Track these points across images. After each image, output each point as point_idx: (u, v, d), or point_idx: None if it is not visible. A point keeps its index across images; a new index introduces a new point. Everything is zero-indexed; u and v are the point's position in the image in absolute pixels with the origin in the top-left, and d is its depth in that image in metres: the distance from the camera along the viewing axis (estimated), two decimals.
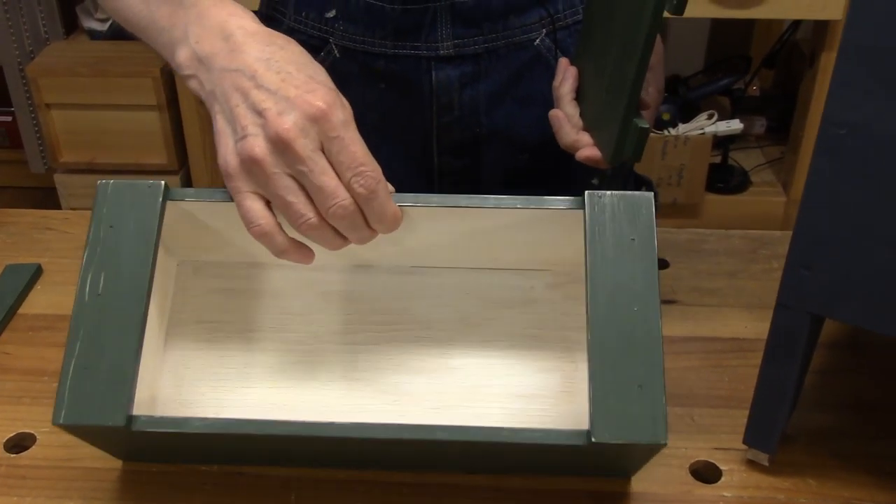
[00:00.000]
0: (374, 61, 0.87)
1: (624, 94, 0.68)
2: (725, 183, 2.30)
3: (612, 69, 0.71)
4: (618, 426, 0.55)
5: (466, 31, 0.86)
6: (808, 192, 0.55)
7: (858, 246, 0.54)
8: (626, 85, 0.68)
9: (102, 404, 0.56)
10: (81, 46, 2.32)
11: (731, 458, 0.67)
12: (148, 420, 0.57)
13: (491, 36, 0.86)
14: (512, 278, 0.70)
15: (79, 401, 0.57)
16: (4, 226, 0.94)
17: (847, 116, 0.52)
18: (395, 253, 0.68)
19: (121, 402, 0.56)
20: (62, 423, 0.57)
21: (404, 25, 0.85)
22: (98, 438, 0.62)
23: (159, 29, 0.66)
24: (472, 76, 0.88)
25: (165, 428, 0.57)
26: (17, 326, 0.80)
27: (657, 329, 0.57)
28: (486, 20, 0.85)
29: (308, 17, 0.88)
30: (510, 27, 0.87)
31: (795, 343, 0.60)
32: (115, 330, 0.58)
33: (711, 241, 0.91)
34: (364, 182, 0.58)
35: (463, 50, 0.86)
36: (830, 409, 0.71)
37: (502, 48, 0.88)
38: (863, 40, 0.49)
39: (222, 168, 0.59)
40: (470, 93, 0.89)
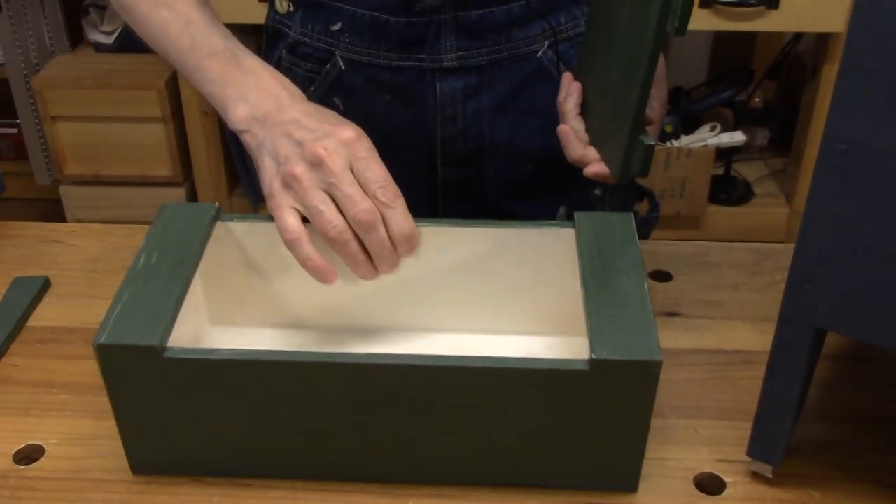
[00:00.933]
0: (379, 73, 0.88)
1: (629, 113, 0.69)
2: (728, 194, 2.31)
3: (616, 87, 0.72)
4: (614, 348, 0.60)
5: (470, 43, 0.86)
6: (810, 207, 0.55)
7: (861, 260, 0.55)
8: (631, 104, 0.68)
9: (141, 329, 0.62)
10: (87, 59, 2.34)
11: (735, 470, 0.67)
12: (180, 349, 0.61)
13: (494, 48, 0.87)
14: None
15: (119, 328, 0.62)
16: (12, 239, 0.95)
17: (849, 132, 0.52)
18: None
19: (158, 331, 0.61)
20: (103, 342, 0.61)
21: (409, 38, 0.86)
22: (127, 386, 0.63)
23: (210, 80, 0.75)
24: (476, 88, 0.88)
25: (197, 356, 0.61)
26: (26, 339, 0.81)
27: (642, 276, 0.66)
28: (490, 32, 0.86)
29: (314, 30, 0.90)
30: (513, 39, 0.88)
31: (798, 356, 0.60)
32: (160, 287, 0.66)
33: (715, 253, 0.92)
34: (386, 193, 0.67)
35: (466, 62, 0.87)
36: (834, 421, 0.72)
37: (505, 60, 0.88)
38: (864, 56, 0.50)
39: (266, 192, 0.69)
40: (473, 104, 0.90)
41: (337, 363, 0.60)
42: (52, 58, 2.37)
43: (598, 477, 0.65)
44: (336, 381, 0.61)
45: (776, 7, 1.95)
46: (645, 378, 0.60)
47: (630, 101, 0.68)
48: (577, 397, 0.61)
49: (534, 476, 0.65)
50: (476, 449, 0.64)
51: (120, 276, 0.88)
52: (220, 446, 0.65)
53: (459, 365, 0.60)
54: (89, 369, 0.77)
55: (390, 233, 0.67)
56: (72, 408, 0.73)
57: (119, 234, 0.95)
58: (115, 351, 0.61)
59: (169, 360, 0.61)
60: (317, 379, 0.61)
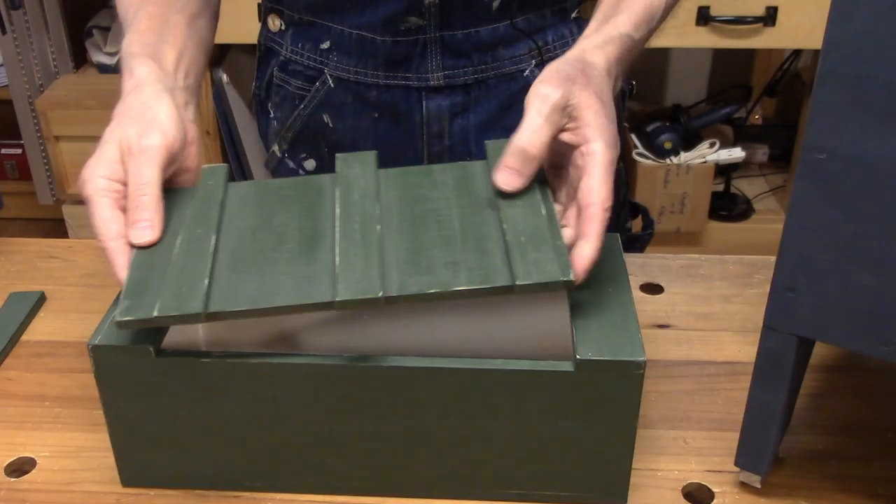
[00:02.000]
0: (367, 91, 0.89)
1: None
2: (728, 211, 2.31)
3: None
4: (598, 348, 0.60)
5: (456, 62, 0.87)
6: (791, 216, 0.56)
7: (842, 268, 0.55)
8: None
9: (136, 332, 0.62)
10: (90, 80, 2.36)
11: (724, 481, 0.67)
12: (174, 351, 0.62)
13: (480, 67, 0.88)
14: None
15: (114, 330, 0.62)
16: (9, 254, 0.96)
17: (826, 141, 0.53)
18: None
19: (152, 333, 0.62)
20: (98, 342, 0.62)
21: (395, 56, 0.87)
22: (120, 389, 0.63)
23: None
24: (462, 106, 0.89)
25: (191, 357, 0.62)
26: (20, 353, 0.81)
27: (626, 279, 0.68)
28: (476, 51, 0.87)
29: (304, 49, 0.91)
30: (499, 58, 0.89)
31: (783, 365, 0.60)
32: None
33: (706, 266, 0.92)
34: None
35: (453, 80, 0.88)
36: (822, 431, 0.72)
37: (492, 79, 0.89)
38: (839, 66, 0.51)
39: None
40: (460, 122, 0.90)
41: (328, 364, 0.61)
42: (55, 79, 2.39)
43: (587, 487, 0.65)
44: (327, 383, 0.62)
45: (773, 24, 1.96)
46: (629, 378, 0.60)
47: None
48: (561, 400, 0.61)
49: (521, 487, 0.65)
50: (460, 458, 0.64)
51: (115, 290, 0.88)
52: (212, 454, 0.66)
53: (445, 367, 0.61)
54: (83, 383, 0.77)
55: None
56: (64, 420, 0.74)
57: None
58: (110, 352, 0.62)
59: (162, 362, 0.62)
60: (307, 381, 0.62)
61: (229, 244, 0.65)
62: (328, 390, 0.62)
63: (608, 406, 0.61)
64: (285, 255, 0.64)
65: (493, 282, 0.60)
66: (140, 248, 0.65)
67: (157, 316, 0.59)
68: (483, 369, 0.61)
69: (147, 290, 0.61)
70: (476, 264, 0.61)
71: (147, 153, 0.67)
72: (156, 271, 0.62)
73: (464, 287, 0.60)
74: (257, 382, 0.62)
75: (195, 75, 0.81)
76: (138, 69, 0.75)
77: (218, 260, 0.63)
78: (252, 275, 0.62)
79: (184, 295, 0.60)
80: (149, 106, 0.71)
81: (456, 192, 0.68)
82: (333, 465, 0.65)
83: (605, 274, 0.68)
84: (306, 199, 0.69)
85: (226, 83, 2.19)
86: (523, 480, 0.65)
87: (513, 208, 0.65)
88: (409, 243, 0.64)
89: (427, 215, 0.66)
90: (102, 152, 0.68)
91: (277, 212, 0.68)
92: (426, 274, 0.61)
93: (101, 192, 0.66)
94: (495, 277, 0.60)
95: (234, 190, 0.71)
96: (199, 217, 0.67)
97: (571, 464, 0.64)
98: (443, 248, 0.63)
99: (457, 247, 0.63)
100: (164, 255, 0.64)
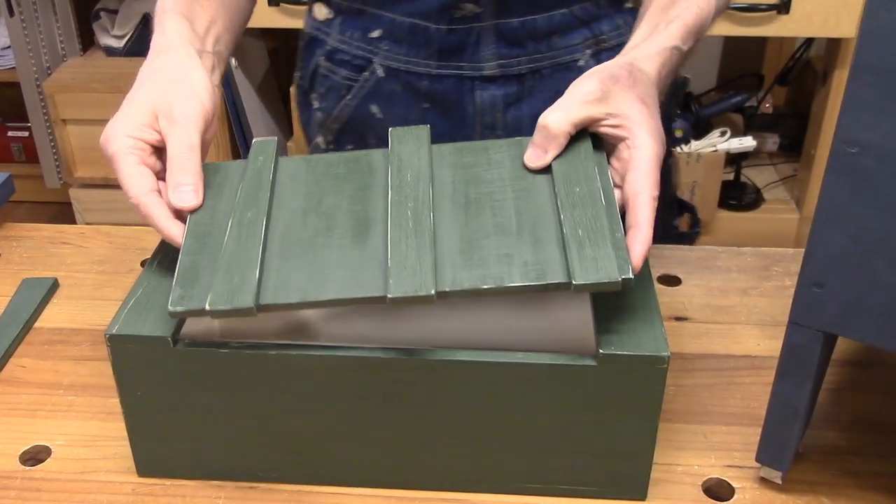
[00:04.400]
0: (418, 81, 0.87)
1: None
2: (738, 200, 2.30)
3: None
4: (621, 342, 0.60)
5: (510, 51, 0.85)
6: (820, 211, 0.55)
7: (870, 264, 0.54)
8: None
9: (154, 321, 0.62)
10: (98, 63, 2.34)
11: (744, 476, 0.67)
12: (192, 341, 0.61)
13: (535, 56, 0.86)
14: None
15: (132, 319, 0.62)
16: (21, 240, 0.95)
17: (859, 135, 0.52)
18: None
19: (170, 323, 0.62)
20: (115, 332, 0.61)
21: (449, 45, 0.85)
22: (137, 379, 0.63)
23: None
24: (516, 96, 0.87)
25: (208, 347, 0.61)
26: (33, 340, 0.81)
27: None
28: (531, 40, 0.85)
29: (352, 38, 0.89)
30: (554, 47, 0.87)
31: (808, 361, 0.60)
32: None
33: (723, 258, 0.91)
34: None
35: (507, 70, 0.86)
36: (844, 426, 0.71)
37: (546, 68, 0.87)
38: (874, 60, 0.50)
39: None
40: (514, 113, 0.89)
41: (345, 356, 0.61)
42: (63, 61, 2.38)
43: (607, 482, 0.64)
44: (344, 375, 0.61)
45: (787, 12, 1.95)
46: (652, 374, 0.59)
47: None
48: (583, 394, 0.61)
49: (541, 481, 0.65)
50: (481, 451, 0.64)
51: (128, 277, 0.89)
52: (228, 445, 0.65)
53: (466, 360, 0.60)
54: (97, 370, 0.77)
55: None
56: (78, 409, 0.73)
57: (127, 236, 0.96)
58: (127, 342, 0.61)
59: (180, 352, 0.61)
60: (324, 372, 0.61)
61: (279, 228, 0.64)
62: (346, 383, 0.62)
63: (630, 401, 0.61)
64: (336, 242, 0.63)
65: (549, 279, 0.58)
66: (184, 211, 0.65)
67: (210, 309, 0.58)
68: (504, 363, 0.60)
69: (199, 278, 0.61)
70: (531, 257, 0.60)
71: (190, 120, 0.67)
72: (206, 257, 0.62)
73: (518, 283, 0.58)
74: (275, 374, 0.62)
75: (226, 43, 0.80)
76: (170, 25, 0.74)
77: (269, 247, 0.63)
78: (302, 263, 0.61)
79: (235, 287, 0.59)
80: (185, 72, 0.71)
81: (512, 174, 0.67)
82: (350, 457, 0.65)
83: None
84: (358, 178, 0.68)
85: (234, 67, 2.18)
86: (543, 474, 0.64)
87: (571, 196, 0.63)
88: (463, 232, 0.62)
89: (482, 199, 0.65)
90: (131, 112, 0.68)
91: (328, 192, 0.67)
92: (479, 267, 0.60)
93: (127, 150, 0.66)
94: (551, 274, 0.59)
95: (284, 166, 0.70)
96: (250, 199, 0.66)
97: (592, 458, 0.63)
98: (497, 237, 0.62)
99: (511, 237, 0.61)
100: (215, 240, 0.63)
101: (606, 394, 0.61)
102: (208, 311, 0.58)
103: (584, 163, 0.65)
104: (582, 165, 0.65)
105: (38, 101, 2.42)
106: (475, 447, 0.64)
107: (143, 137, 0.67)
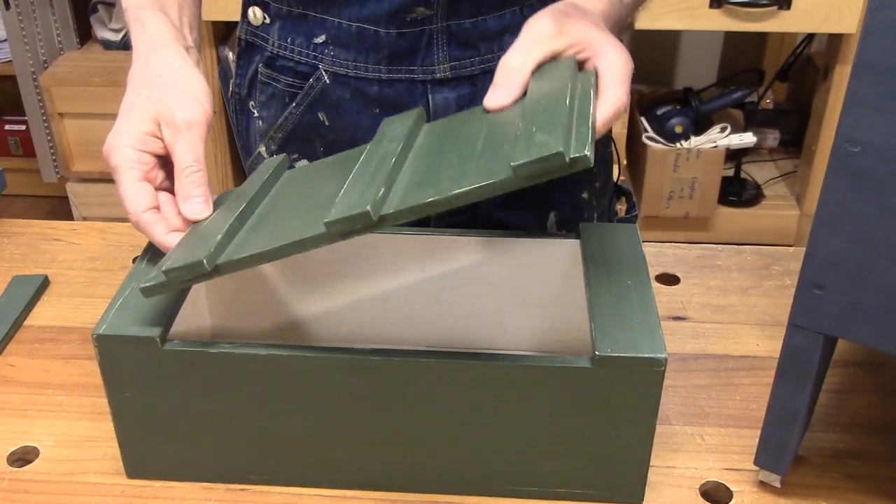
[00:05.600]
0: (368, 86, 0.84)
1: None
2: (738, 196, 2.29)
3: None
4: (618, 344, 0.59)
5: (463, 52, 0.84)
6: (821, 211, 0.54)
7: (872, 266, 0.53)
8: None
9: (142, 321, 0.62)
10: (95, 56, 2.33)
11: (743, 479, 0.66)
12: (180, 342, 0.61)
13: (487, 56, 0.84)
14: None
15: (120, 319, 0.62)
16: (12, 236, 0.94)
17: (861, 134, 0.51)
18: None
19: (158, 323, 0.61)
20: (103, 332, 0.61)
21: (399, 49, 0.83)
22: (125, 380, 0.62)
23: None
24: (470, 98, 0.85)
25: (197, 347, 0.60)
26: (23, 338, 0.80)
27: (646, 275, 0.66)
28: (482, 41, 0.84)
29: (294, 43, 0.85)
30: (506, 47, 0.84)
31: (808, 364, 0.59)
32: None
33: (723, 256, 0.90)
34: None
35: (460, 72, 0.84)
36: (843, 429, 0.70)
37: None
38: (877, 59, 0.49)
39: None
40: None
41: (338, 357, 0.60)
42: (60, 55, 2.36)
43: (603, 485, 0.64)
44: (336, 376, 0.60)
45: (788, 8, 1.94)
46: (649, 376, 0.58)
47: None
48: (580, 397, 0.60)
49: (536, 484, 0.64)
50: (475, 454, 0.63)
51: (119, 274, 0.88)
52: (218, 446, 0.64)
53: (459, 361, 0.59)
54: (86, 370, 0.76)
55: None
56: (68, 409, 0.72)
57: (120, 233, 0.94)
58: (115, 342, 0.60)
59: (168, 353, 0.60)
60: (317, 373, 0.60)
61: (261, 210, 0.66)
62: (337, 383, 0.61)
63: (627, 403, 0.60)
64: (303, 209, 0.62)
65: (492, 178, 0.54)
66: (194, 222, 0.66)
67: (165, 270, 0.59)
68: (498, 364, 0.59)
69: (170, 256, 0.62)
70: (484, 167, 0.56)
71: (194, 129, 0.68)
72: (183, 240, 0.64)
73: (458, 189, 0.54)
74: (265, 374, 0.61)
75: (196, 29, 0.80)
76: (151, 23, 0.73)
77: (245, 224, 0.64)
78: (267, 231, 0.61)
79: (192, 249, 0.60)
80: (181, 75, 0.70)
81: (490, 118, 0.64)
82: (342, 459, 0.64)
83: (624, 266, 0.66)
84: (349, 163, 0.66)
85: (231, 61, 2.17)
86: (538, 477, 0.64)
87: (536, 101, 0.61)
88: (426, 170, 0.60)
89: (453, 138, 0.64)
90: (131, 121, 0.68)
91: (320, 183, 0.67)
92: (430, 187, 0.56)
93: (129, 164, 0.66)
94: (495, 173, 0.54)
95: (289, 174, 0.72)
96: (241, 192, 0.68)
97: (588, 461, 0.62)
98: (458, 163, 0.58)
99: (474, 158, 0.58)
100: (201, 226, 0.65)
101: (603, 396, 0.60)
102: (163, 272, 0.59)
103: (558, 80, 0.63)
104: (555, 81, 0.63)
105: (34, 95, 2.41)
106: (469, 450, 0.63)
107: (146, 149, 0.67)
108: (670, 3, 1.93)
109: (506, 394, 0.60)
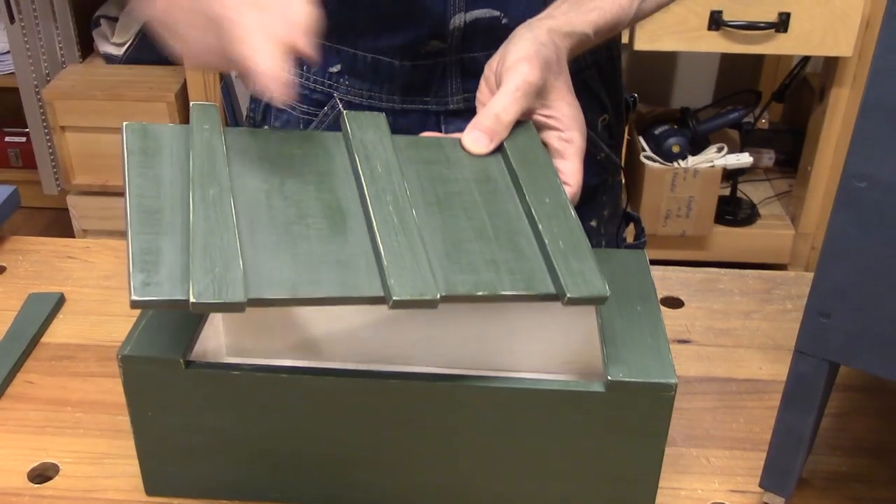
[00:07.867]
0: None
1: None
2: (734, 215, 2.31)
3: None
4: (629, 369, 0.60)
5: (475, 84, 0.85)
6: (828, 243, 0.56)
7: (878, 296, 0.55)
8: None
9: (166, 342, 0.62)
10: (97, 70, 2.35)
11: (747, 501, 0.67)
12: (204, 363, 0.62)
13: None
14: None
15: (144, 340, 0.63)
16: (27, 254, 0.95)
17: (867, 170, 0.53)
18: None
19: (182, 344, 0.62)
20: (127, 353, 0.61)
21: (413, 81, 0.84)
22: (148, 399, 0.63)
23: None
24: None
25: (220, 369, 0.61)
26: (40, 356, 0.81)
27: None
28: None
29: (310, 72, 0.87)
30: None
31: (813, 389, 0.60)
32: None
33: (725, 280, 0.92)
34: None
35: (473, 103, 0.86)
36: (847, 452, 0.72)
37: None
38: (885, 97, 0.51)
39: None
40: None
41: (357, 381, 0.61)
42: (62, 68, 2.38)
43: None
44: (355, 398, 0.62)
45: (785, 31, 1.96)
46: (660, 400, 0.60)
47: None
48: (590, 420, 0.61)
49: None
50: (488, 475, 0.64)
51: None
52: (238, 465, 0.65)
53: (476, 385, 0.61)
54: (104, 387, 0.77)
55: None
56: (86, 426, 0.73)
57: None
58: (139, 363, 0.61)
59: (191, 374, 0.61)
60: (336, 395, 0.62)
61: (242, 208, 0.59)
62: (356, 405, 0.62)
63: (637, 427, 0.61)
64: (313, 233, 0.59)
65: (539, 289, 0.59)
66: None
67: (195, 302, 0.52)
68: (513, 388, 0.61)
69: (162, 262, 0.54)
70: (515, 266, 0.60)
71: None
72: (167, 238, 0.55)
73: (509, 291, 0.58)
74: (286, 396, 0.62)
75: None
76: None
77: (241, 232, 0.57)
78: (282, 254, 0.57)
79: (219, 277, 0.53)
80: None
81: (473, 175, 0.67)
82: (360, 479, 0.65)
83: (633, 291, 0.68)
84: (318, 163, 0.65)
85: (234, 77, 2.18)
86: (548, 498, 0.65)
87: (543, 207, 0.64)
88: (444, 233, 0.62)
89: (452, 199, 0.65)
90: None
91: (288, 174, 0.63)
92: (469, 272, 0.59)
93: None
94: (540, 285, 0.59)
95: (232, 138, 0.65)
96: (207, 172, 0.60)
97: (597, 483, 0.64)
98: (478, 242, 0.61)
99: (491, 242, 0.62)
100: (172, 217, 0.57)
101: (613, 420, 0.61)
102: (193, 303, 0.52)
103: (543, 169, 0.67)
104: (541, 171, 0.67)
105: (36, 108, 2.42)
106: (483, 471, 0.64)
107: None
108: (669, 24, 1.96)
109: (519, 417, 0.62)
